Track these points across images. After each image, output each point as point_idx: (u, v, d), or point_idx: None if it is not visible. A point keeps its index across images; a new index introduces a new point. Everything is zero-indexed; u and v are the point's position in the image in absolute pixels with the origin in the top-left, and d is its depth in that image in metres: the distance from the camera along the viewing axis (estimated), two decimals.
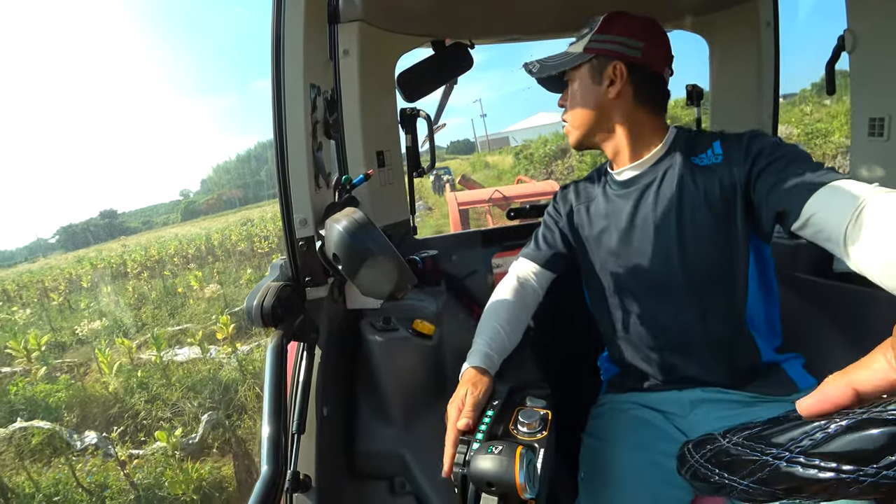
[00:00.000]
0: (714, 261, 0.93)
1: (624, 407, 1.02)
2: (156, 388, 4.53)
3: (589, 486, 0.91)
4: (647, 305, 1.00)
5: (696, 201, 0.92)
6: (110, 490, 3.13)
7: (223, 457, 3.45)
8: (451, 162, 26.10)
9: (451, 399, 0.84)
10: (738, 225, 0.90)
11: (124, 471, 3.10)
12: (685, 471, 0.59)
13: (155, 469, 3.23)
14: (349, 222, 0.82)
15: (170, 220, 57.06)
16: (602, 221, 1.05)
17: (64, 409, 4.46)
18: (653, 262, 0.96)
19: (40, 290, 12.16)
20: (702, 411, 0.96)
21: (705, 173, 0.92)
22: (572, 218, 1.12)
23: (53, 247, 48.19)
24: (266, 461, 0.72)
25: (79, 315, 8.49)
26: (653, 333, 1.00)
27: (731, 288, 0.94)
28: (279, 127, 0.87)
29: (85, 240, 43.22)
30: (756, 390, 0.95)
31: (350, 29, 1.25)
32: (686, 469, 0.58)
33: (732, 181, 0.89)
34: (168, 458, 3.29)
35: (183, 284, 8.72)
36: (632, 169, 1.01)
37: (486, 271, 1.57)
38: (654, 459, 0.87)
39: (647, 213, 0.97)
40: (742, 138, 0.91)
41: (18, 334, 5.80)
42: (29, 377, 5.13)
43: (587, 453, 0.98)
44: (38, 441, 3.90)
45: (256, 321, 0.86)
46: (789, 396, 0.94)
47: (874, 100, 1.20)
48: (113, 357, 4.88)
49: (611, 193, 1.05)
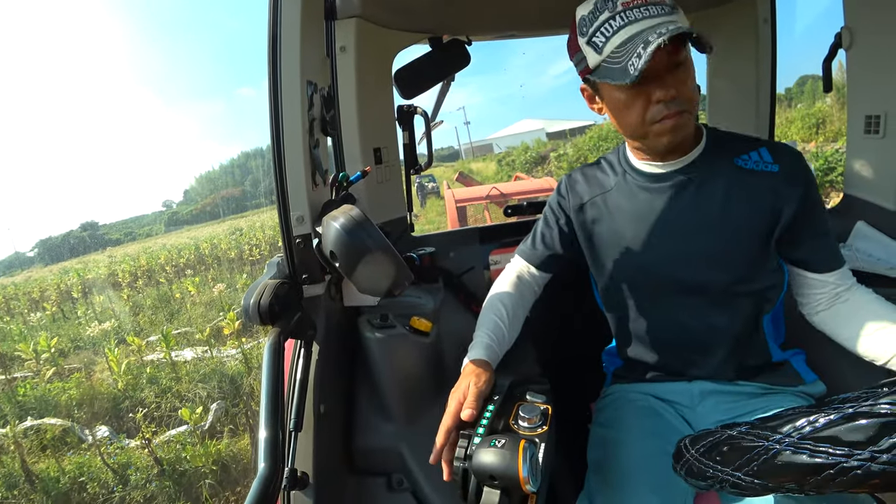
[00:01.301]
0: (754, 266, 0.91)
1: (632, 396, 1.03)
2: (165, 382, 4.65)
3: (598, 474, 0.91)
4: (671, 304, 0.97)
5: (744, 205, 0.89)
6: (134, 467, 3.31)
7: (233, 437, 3.64)
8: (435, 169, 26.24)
9: (453, 389, 0.83)
10: (774, 236, 0.90)
11: (148, 448, 3.29)
12: (680, 467, 0.59)
13: (174, 448, 3.43)
14: (346, 219, 0.82)
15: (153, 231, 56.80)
16: (623, 215, 0.98)
17: (75, 406, 4.55)
18: (689, 262, 0.92)
19: (30, 301, 12.14)
20: (710, 402, 0.97)
21: (755, 178, 0.89)
22: (584, 211, 1.04)
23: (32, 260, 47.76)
24: (263, 458, 0.72)
25: (74, 323, 8.51)
26: (672, 332, 0.98)
27: (763, 295, 0.93)
28: (276, 124, 0.87)
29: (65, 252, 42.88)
30: (764, 381, 0.97)
31: (347, 25, 1.24)
32: (682, 465, 0.59)
33: (787, 198, 0.87)
34: (187, 437, 3.51)
35: (180, 290, 8.75)
36: (667, 164, 0.93)
37: (484, 268, 1.57)
38: (663, 448, 0.87)
39: (687, 211, 0.92)
40: (799, 158, 0.90)
41: (27, 339, 5.88)
42: (37, 378, 5.20)
43: (596, 441, 0.99)
44: (51, 437, 4.00)
45: (254, 318, 0.86)
46: (796, 388, 0.96)
47: (870, 97, 1.20)
48: (120, 357, 4.95)
49: (634, 186, 0.97)
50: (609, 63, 0.80)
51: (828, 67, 1.30)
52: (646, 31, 0.76)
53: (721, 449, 0.52)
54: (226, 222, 37.62)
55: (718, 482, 0.51)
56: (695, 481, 0.56)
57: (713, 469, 0.52)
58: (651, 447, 0.89)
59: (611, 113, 0.90)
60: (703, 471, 0.53)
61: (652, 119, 0.83)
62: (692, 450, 0.56)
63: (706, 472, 0.53)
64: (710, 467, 0.52)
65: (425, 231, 1.93)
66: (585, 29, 0.83)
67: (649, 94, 0.81)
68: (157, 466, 3.23)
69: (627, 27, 0.78)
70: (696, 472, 0.54)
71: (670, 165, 0.93)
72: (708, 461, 0.53)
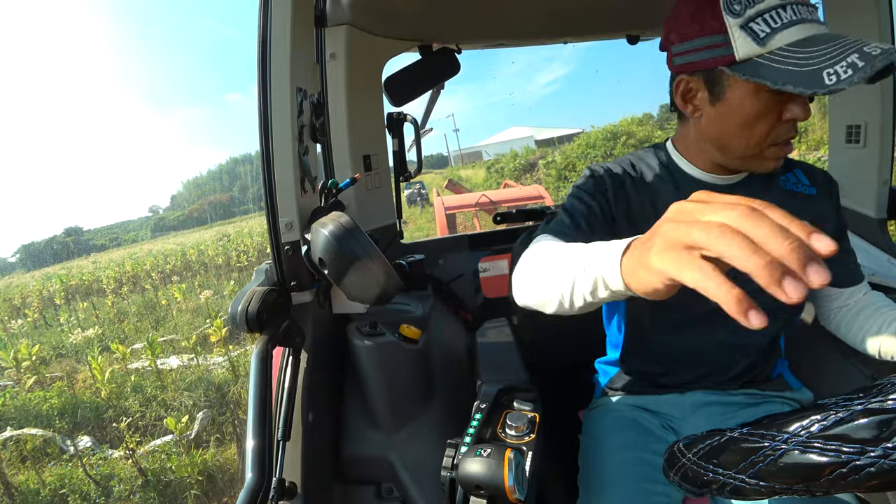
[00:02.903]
0: None
1: (616, 407, 1.03)
2: (150, 390, 4.56)
3: (584, 486, 0.92)
4: (696, 320, 0.90)
5: None
6: (118, 478, 3.24)
7: (220, 447, 3.58)
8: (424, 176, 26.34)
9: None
10: None
11: (132, 458, 3.22)
12: (675, 472, 0.58)
13: (159, 458, 3.36)
14: (335, 226, 0.81)
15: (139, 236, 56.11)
16: None
17: (57, 415, 4.45)
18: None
19: (11, 308, 11.89)
20: (702, 413, 0.96)
21: (797, 200, 0.88)
22: (630, 208, 0.88)
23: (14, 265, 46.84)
24: (251, 468, 0.71)
25: (56, 330, 8.36)
26: (690, 347, 0.94)
27: (790, 313, 0.93)
28: (265, 130, 0.87)
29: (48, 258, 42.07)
30: (755, 388, 0.98)
31: (337, 32, 1.24)
32: (676, 470, 0.58)
33: (825, 220, 0.88)
34: (173, 447, 3.45)
35: (166, 297, 8.65)
36: (726, 178, 0.87)
37: (473, 275, 1.57)
38: (642, 458, 0.88)
39: None
40: (832, 182, 0.92)
41: (7, 346, 5.76)
42: (18, 387, 5.09)
43: (582, 453, 0.99)
44: (31, 447, 3.91)
45: (241, 326, 0.85)
46: (784, 394, 0.97)
47: (851, 107, 1.23)
48: (104, 365, 4.88)
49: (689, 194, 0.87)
50: (775, 61, 0.66)
51: None
52: (841, 40, 0.63)
53: (722, 452, 0.51)
54: (213, 228, 37.26)
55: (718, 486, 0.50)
56: (690, 487, 0.55)
57: (713, 473, 0.51)
58: (628, 457, 0.89)
59: (720, 118, 0.77)
60: (701, 475, 0.52)
61: (775, 138, 0.75)
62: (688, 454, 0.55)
63: (704, 477, 0.51)
64: (709, 471, 0.51)
65: (415, 238, 1.92)
66: (739, 7, 0.67)
67: (784, 110, 0.72)
68: (141, 477, 3.18)
69: (801, 25, 0.65)
70: (693, 476, 0.53)
71: (729, 179, 0.87)
72: (706, 464, 0.52)
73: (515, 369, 1.07)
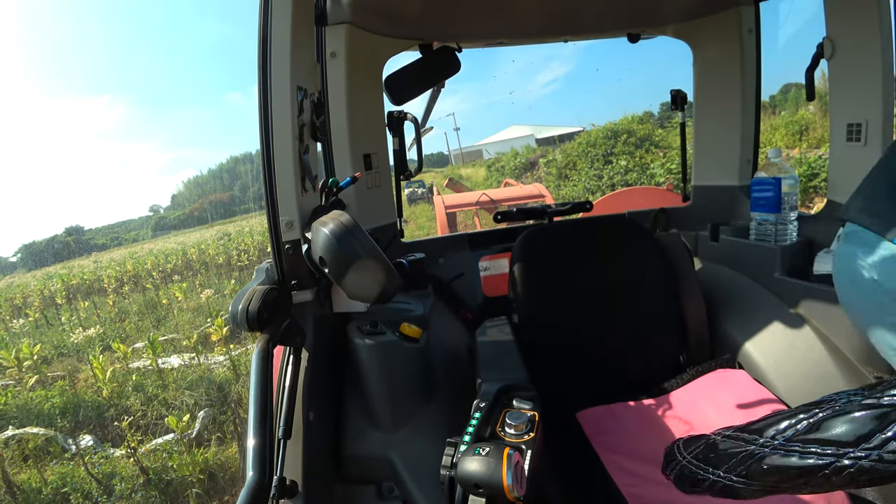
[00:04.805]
0: None
1: None
2: (152, 389, 4.56)
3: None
4: None
5: None
6: (119, 476, 3.25)
7: (221, 445, 3.59)
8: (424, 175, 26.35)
9: None
10: None
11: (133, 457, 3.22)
12: (670, 470, 0.59)
13: (161, 457, 3.36)
14: (336, 225, 0.81)
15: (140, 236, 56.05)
16: None
17: (58, 414, 4.46)
18: None
19: (13, 307, 11.90)
20: None
21: None
22: None
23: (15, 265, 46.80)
24: (252, 467, 0.71)
25: (58, 330, 8.37)
26: None
27: None
28: (265, 129, 0.87)
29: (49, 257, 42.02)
30: None
31: (337, 31, 1.24)
32: (672, 467, 0.59)
33: None
34: (174, 445, 3.45)
35: (167, 296, 8.65)
36: None
37: (474, 274, 1.57)
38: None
39: None
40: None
41: (9, 346, 5.76)
42: (19, 386, 5.09)
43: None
44: (33, 446, 3.92)
45: (242, 325, 0.85)
46: None
47: (852, 106, 1.23)
48: (105, 364, 4.88)
49: None
50: None
51: (811, 76, 1.33)
52: None
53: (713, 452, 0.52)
54: (214, 227, 37.23)
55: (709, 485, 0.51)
56: (684, 485, 0.56)
57: (704, 472, 0.52)
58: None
59: None
60: (695, 473, 0.53)
61: None
62: (685, 452, 0.56)
63: (698, 476, 0.53)
64: (702, 469, 0.52)
65: (415, 237, 1.93)
66: None
67: None
68: (142, 476, 3.19)
69: None
70: (688, 475, 0.54)
71: None
72: (700, 463, 0.53)
73: (515, 368, 1.07)
